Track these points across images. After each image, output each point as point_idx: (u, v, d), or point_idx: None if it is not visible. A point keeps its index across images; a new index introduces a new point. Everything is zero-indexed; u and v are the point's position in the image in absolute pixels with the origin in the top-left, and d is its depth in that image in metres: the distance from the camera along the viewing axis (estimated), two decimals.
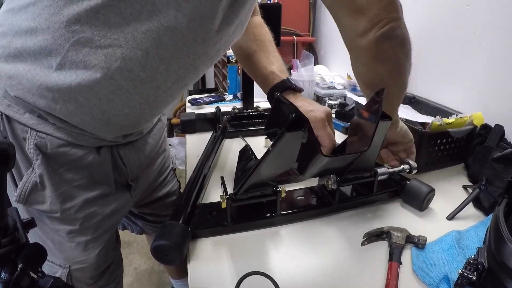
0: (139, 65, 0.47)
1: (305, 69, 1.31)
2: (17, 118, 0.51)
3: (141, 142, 0.69)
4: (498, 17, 0.81)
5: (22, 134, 0.52)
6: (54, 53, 0.45)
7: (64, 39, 0.44)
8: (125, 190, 0.68)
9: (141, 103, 0.53)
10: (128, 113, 0.53)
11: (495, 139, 0.75)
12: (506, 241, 0.36)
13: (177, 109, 2.85)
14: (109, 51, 0.45)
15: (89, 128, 0.54)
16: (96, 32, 0.43)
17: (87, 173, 0.58)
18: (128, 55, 0.46)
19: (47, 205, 0.55)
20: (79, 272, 0.64)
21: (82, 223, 0.60)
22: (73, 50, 0.44)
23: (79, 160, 0.56)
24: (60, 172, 0.55)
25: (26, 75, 0.47)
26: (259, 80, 0.74)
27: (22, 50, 0.46)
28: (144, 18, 0.44)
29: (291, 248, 0.56)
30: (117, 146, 0.62)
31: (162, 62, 0.48)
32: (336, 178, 0.61)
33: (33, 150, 0.51)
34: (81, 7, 0.42)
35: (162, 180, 0.84)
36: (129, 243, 1.81)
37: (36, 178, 0.53)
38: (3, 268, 0.31)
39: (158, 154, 0.78)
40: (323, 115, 0.62)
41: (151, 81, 0.50)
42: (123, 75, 0.47)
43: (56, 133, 0.52)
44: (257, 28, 0.76)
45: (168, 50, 0.48)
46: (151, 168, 0.76)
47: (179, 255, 0.51)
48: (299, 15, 1.88)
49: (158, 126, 0.77)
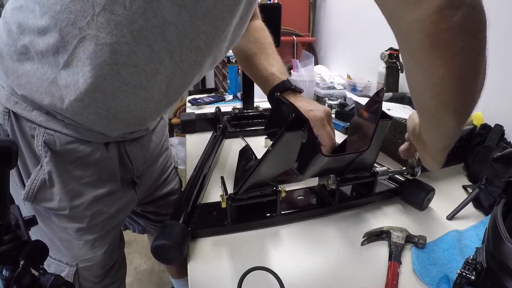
0: (145, 59, 0.48)
1: (305, 69, 1.31)
2: (25, 115, 0.51)
3: (146, 139, 0.70)
4: (498, 17, 0.81)
5: (30, 132, 0.52)
6: (61, 51, 0.45)
7: (72, 36, 0.44)
8: (130, 187, 0.68)
9: (146, 99, 0.53)
10: (134, 109, 0.53)
11: (495, 139, 0.75)
12: (504, 240, 0.37)
13: (177, 109, 2.85)
14: (116, 47, 0.45)
15: (96, 127, 0.54)
16: (102, 29, 0.44)
17: (95, 170, 0.58)
18: (134, 51, 0.46)
19: (56, 202, 0.55)
20: (86, 271, 0.64)
21: (90, 220, 0.60)
22: (80, 47, 0.45)
23: (88, 157, 0.56)
24: (69, 169, 0.55)
25: (35, 74, 0.48)
26: (259, 82, 0.75)
27: (30, 48, 0.47)
28: (149, 15, 0.44)
29: (291, 248, 0.56)
30: (124, 142, 0.62)
31: (166, 56, 0.49)
32: (336, 178, 0.61)
33: (41, 147, 0.52)
34: (88, 4, 0.42)
35: (165, 178, 0.85)
36: (129, 243, 1.81)
37: (45, 175, 0.53)
38: (5, 265, 0.31)
39: (161, 152, 0.79)
40: (323, 115, 0.62)
41: (156, 75, 0.50)
42: (129, 70, 0.48)
43: (64, 130, 0.52)
44: (258, 31, 0.77)
45: (171, 43, 0.48)
46: (154, 166, 0.77)
47: (179, 254, 0.51)
48: (299, 15, 1.89)
49: (161, 124, 0.78)
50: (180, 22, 0.46)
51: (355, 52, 1.61)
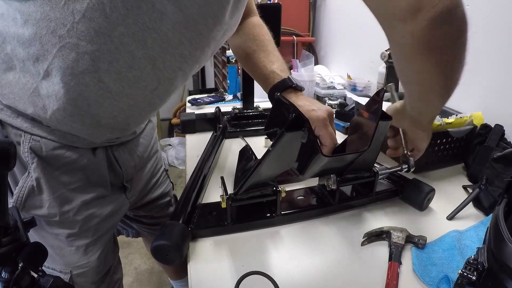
0: (127, 66, 0.47)
1: (305, 69, 1.31)
2: (10, 122, 0.50)
3: (134, 143, 0.69)
4: (498, 17, 0.81)
5: (16, 138, 0.51)
6: (41, 59, 0.44)
7: (51, 44, 0.43)
8: (120, 192, 0.68)
9: (129, 105, 0.53)
10: (117, 115, 0.53)
11: (495, 139, 0.75)
12: (506, 241, 0.37)
13: (177, 109, 2.85)
14: (97, 55, 0.44)
15: (80, 134, 0.54)
16: (82, 37, 0.43)
17: (83, 175, 0.58)
18: (116, 58, 0.46)
19: (45, 209, 0.55)
20: (81, 277, 0.64)
21: (81, 226, 0.60)
22: (60, 56, 0.44)
23: (75, 163, 0.56)
24: (57, 175, 0.54)
25: (17, 84, 0.47)
26: (260, 80, 0.74)
27: (12, 57, 0.46)
28: (130, 22, 0.43)
29: (291, 248, 0.56)
30: (111, 147, 0.62)
31: (148, 62, 0.48)
32: (336, 178, 0.61)
33: (28, 154, 0.51)
34: (67, 12, 0.41)
35: (156, 181, 0.84)
36: (129, 243, 1.81)
37: (33, 182, 0.53)
38: (4, 267, 0.31)
39: (150, 155, 0.78)
40: (325, 115, 0.61)
41: (138, 82, 0.50)
42: (111, 77, 0.47)
43: (50, 136, 0.52)
44: (256, 28, 0.75)
45: (153, 50, 0.47)
46: (144, 169, 0.76)
47: (179, 255, 0.51)
48: (299, 15, 1.89)
49: (149, 127, 0.77)
50: (161, 29, 0.46)
51: (355, 52, 1.61)
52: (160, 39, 0.46)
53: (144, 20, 0.44)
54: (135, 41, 0.45)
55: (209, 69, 3.04)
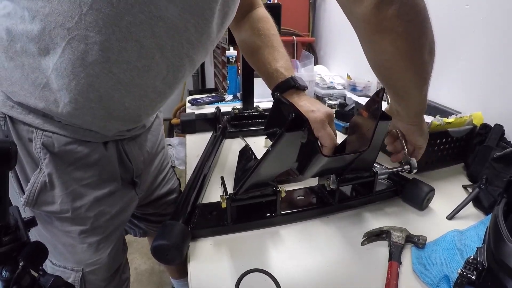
0: (136, 56, 0.48)
1: (305, 69, 1.31)
2: (22, 118, 0.51)
3: (143, 138, 0.70)
4: (497, 16, 0.81)
5: (27, 135, 0.52)
6: (51, 53, 0.45)
7: (60, 38, 0.44)
8: (130, 187, 0.68)
9: (140, 95, 0.53)
10: (129, 106, 0.53)
11: (495, 139, 0.75)
12: (506, 240, 0.37)
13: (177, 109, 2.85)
14: (106, 45, 0.45)
15: (92, 127, 0.54)
16: (91, 28, 0.44)
17: (95, 171, 0.58)
18: (124, 47, 0.46)
19: (57, 205, 0.55)
20: (92, 275, 0.64)
21: (93, 222, 0.60)
22: (69, 49, 0.44)
23: (87, 157, 0.56)
24: (69, 171, 0.55)
25: (27, 80, 0.47)
26: (264, 77, 0.73)
27: (21, 53, 0.47)
28: (136, 11, 0.44)
29: (291, 247, 0.56)
30: (122, 141, 0.62)
31: (156, 51, 0.49)
32: (336, 178, 0.61)
33: (40, 150, 0.51)
34: (75, 4, 0.42)
35: (163, 177, 0.84)
36: (129, 243, 1.79)
37: (45, 178, 0.53)
38: (4, 267, 0.31)
39: (157, 151, 0.79)
40: (323, 116, 0.61)
41: (148, 71, 0.50)
42: (121, 68, 0.48)
43: (62, 131, 0.52)
44: (261, 22, 0.75)
45: (161, 38, 0.48)
46: (152, 165, 0.77)
47: (179, 255, 0.51)
48: (299, 15, 1.89)
49: (156, 123, 0.77)
50: (168, 17, 0.47)
51: (355, 52, 1.60)
52: (166, 27, 0.47)
53: (150, 9, 0.45)
54: (143, 29, 0.46)
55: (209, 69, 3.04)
